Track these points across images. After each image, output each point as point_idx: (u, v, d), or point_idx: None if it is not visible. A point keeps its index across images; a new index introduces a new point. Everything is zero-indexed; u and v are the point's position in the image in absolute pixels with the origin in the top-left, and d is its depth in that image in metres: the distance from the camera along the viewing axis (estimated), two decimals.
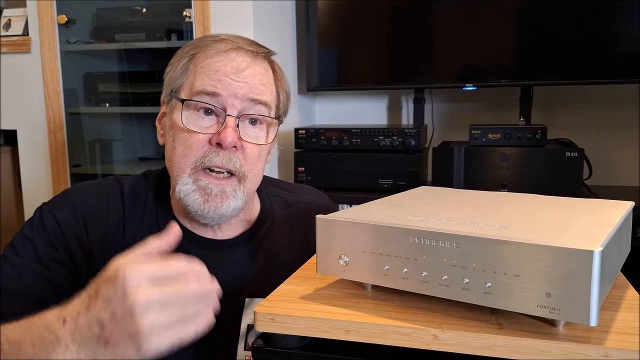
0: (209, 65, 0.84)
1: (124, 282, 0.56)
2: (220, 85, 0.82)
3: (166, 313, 0.57)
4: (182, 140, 0.84)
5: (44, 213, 0.88)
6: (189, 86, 0.84)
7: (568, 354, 0.50)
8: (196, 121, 0.83)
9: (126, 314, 0.55)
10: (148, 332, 0.55)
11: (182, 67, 0.86)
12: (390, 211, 0.68)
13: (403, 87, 2.13)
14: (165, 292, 0.57)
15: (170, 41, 1.96)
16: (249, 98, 0.83)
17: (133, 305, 0.55)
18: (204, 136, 0.83)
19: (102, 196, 0.90)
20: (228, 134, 0.81)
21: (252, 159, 0.85)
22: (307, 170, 1.87)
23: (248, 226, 0.95)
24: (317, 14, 2.02)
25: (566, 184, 1.62)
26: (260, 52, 0.87)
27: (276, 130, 0.90)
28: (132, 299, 0.55)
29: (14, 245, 0.86)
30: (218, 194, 0.83)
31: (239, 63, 0.84)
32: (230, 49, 0.85)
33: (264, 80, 0.86)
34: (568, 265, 0.49)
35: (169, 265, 0.59)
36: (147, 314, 0.56)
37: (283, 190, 1.03)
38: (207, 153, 0.82)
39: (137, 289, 0.56)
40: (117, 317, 0.56)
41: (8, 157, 2.22)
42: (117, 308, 0.56)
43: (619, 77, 1.76)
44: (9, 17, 2.11)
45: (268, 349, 0.59)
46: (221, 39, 0.86)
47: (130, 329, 0.55)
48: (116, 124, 2.28)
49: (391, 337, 0.55)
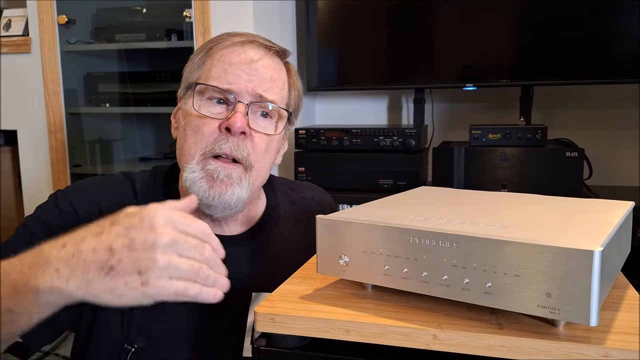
0: (224, 56, 0.86)
1: (153, 217, 0.56)
2: (233, 80, 0.84)
3: (183, 260, 0.56)
4: (193, 126, 0.85)
5: (60, 199, 0.86)
6: (204, 77, 0.86)
7: (568, 354, 0.50)
8: (208, 107, 0.85)
9: (147, 245, 0.55)
10: (162, 269, 0.55)
11: (199, 61, 0.88)
12: (390, 211, 0.68)
13: (403, 87, 2.13)
14: (189, 242, 0.57)
15: (170, 41, 1.96)
16: (259, 94, 0.85)
17: (156, 238, 0.55)
18: (215, 122, 0.84)
19: (118, 191, 0.90)
20: (237, 118, 0.82)
21: (260, 149, 0.86)
22: (307, 170, 1.87)
23: (254, 222, 0.95)
24: (317, 14, 2.02)
25: (566, 184, 1.62)
26: (275, 48, 0.90)
27: (284, 124, 0.91)
28: (157, 232, 0.55)
29: (26, 226, 0.84)
30: (224, 179, 0.83)
31: (252, 55, 0.86)
32: (245, 41, 0.87)
33: (275, 75, 0.88)
34: (568, 265, 0.49)
35: (195, 221, 0.59)
36: (167, 252, 0.55)
37: (286, 187, 1.04)
38: (216, 140, 0.83)
39: (164, 226, 0.55)
40: (135, 245, 0.55)
41: (8, 157, 2.22)
42: (138, 237, 0.55)
43: (619, 77, 1.76)
44: (9, 17, 2.11)
45: (268, 349, 0.59)
46: (237, 34, 0.89)
47: (144, 261, 0.54)
48: (116, 124, 2.28)
49: (391, 337, 0.55)
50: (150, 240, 0.55)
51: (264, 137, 0.86)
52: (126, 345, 0.82)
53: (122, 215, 0.57)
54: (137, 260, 0.54)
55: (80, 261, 0.55)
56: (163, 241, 0.55)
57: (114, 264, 0.54)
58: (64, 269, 0.55)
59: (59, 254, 0.56)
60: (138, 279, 0.54)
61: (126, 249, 0.55)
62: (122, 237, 0.55)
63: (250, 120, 0.84)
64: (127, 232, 0.55)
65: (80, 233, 0.58)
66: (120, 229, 0.56)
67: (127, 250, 0.54)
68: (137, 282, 0.54)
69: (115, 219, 0.57)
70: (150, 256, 0.54)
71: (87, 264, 0.55)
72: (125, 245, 0.55)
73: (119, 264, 0.54)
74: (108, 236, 0.56)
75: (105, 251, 0.55)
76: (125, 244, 0.55)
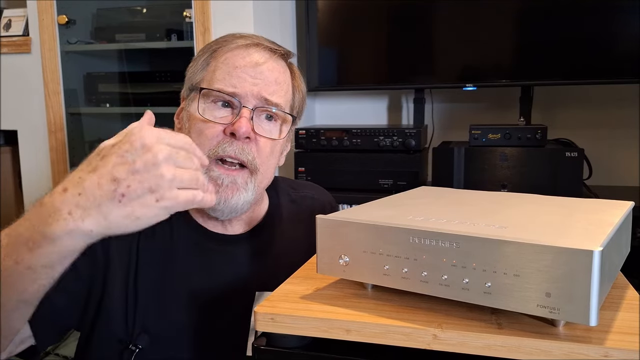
0: (229, 59, 0.86)
1: (142, 138, 0.56)
2: (238, 84, 0.84)
3: (183, 170, 0.58)
4: (197, 130, 0.85)
5: None
6: (208, 80, 0.86)
7: (568, 354, 0.50)
8: (212, 111, 0.85)
9: (148, 164, 0.56)
10: (169, 181, 0.56)
11: (203, 62, 0.88)
12: (390, 211, 0.68)
13: (403, 87, 2.13)
14: (181, 154, 0.59)
15: (171, 41, 1.96)
16: (264, 97, 0.85)
17: (155, 155, 0.56)
18: (219, 126, 0.84)
19: None
20: (242, 123, 0.82)
21: (264, 152, 0.86)
22: (307, 170, 1.88)
23: (257, 222, 0.96)
24: (317, 14, 2.02)
25: (566, 184, 1.62)
26: (279, 50, 0.90)
27: (289, 128, 0.91)
28: (155, 151, 0.56)
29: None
30: (229, 185, 0.83)
31: (257, 58, 0.86)
32: (250, 44, 0.87)
33: (279, 78, 0.88)
34: (568, 265, 0.49)
35: (177, 134, 0.60)
36: (169, 164, 0.57)
37: (288, 187, 1.05)
38: (220, 143, 0.83)
39: (157, 143, 0.57)
40: (137, 168, 0.56)
41: (8, 157, 2.22)
42: (136, 160, 0.56)
43: (619, 77, 1.76)
44: (9, 17, 2.11)
45: (268, 348, 0.59)
46: (242, 36, 0.89)
47: (152, 179, 0.56)
48: (116, 124, 2.28)
49: (391, 337, 0.55)
50: (150, 159, 0.56)
51: (268, 140, 0.87)
52: (131, 346, 0.82)
53: (108, 147, 0.58)
54: (145, 181, 0.56)
55: (90, 198, 0.56)
56: (162, 156, 0.56)
57: (124, 191, 0.56)
58: (76, 210, 0.56)
59: (65, 198, 0.56)
60: (152, 197, 0.56)
61: (130, 174, 0.56)
62: (120, 164, 0.56)
63: (255, 125, 0.84)
64: (123, 160, 0.56)
65: (75, 175, 0.58)
66: (116, 159, 0.57)
67: (132, 174, 0.56)
68: (152, 199, 0.56)
69: (102, 152, 0.58)
70: (156, 173, 0.56)
71: (97, 198, 0.56)
72: (128, 171, 0.56)
73: (128, 190, 0.56)
74: (106, 168, 0.57)
75: (111, 182, 0.56)
76: (127, 169, 0.56)
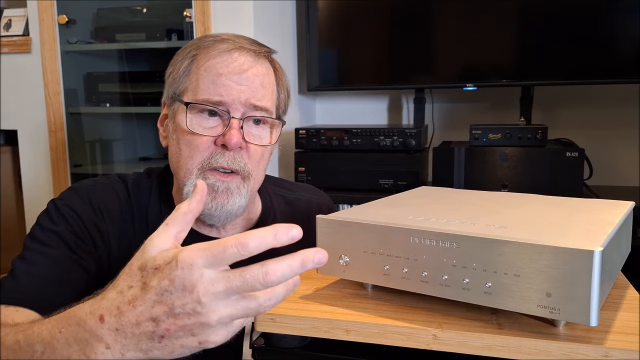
0: (212, 67, 0.84)
1: (182, 273, 0.48)
2: (224, 92, 0.83)
3: (232, 303, 0.49)
4: (187, 142, 0.84)
5: (60, 206, 0.86)
6: (193, 90, 0.84)
7: (568, 354, 0.50)
8: (200, 122, 0.84)
9: (188, 309, 0.49)
10: (215, 325, 0.49)
11: (185, 69, 0.86)
12: (390, 211, 0.68)
13: (403, 87, 2.13)
14: (232, 281, 0.49)
15: (171, 41, 1.96)
16: (252, 103, 0.84)
17: (198, 299, 0.48)
18: (209, 138, 0.83)
19: (112, 192, 0.90)
20: (233, 135, 0.82)
21: (255, 158, 0.86)
22: (308, 170, 1.87)
23: (250, 225, 0.95)
24: (317, 13, 2.02)
25: (566, 184, 1.62)
26: (262, 51, 0.88)
27: (279, 131, 0.91)
28: (197, 293, 0.48)
29: (36, 237, 0.83)
30: (224, 190, 0.84)
31: (242, 63, 0.84)
32: (232, 49, 0.85)
33: (265, 81, 0.87)
34: (568, 265, 0.49)
35: (224, 246, 0.49)
36: (214, 307, 0.49)
37: (282, 189, 1.04)
38: (213, 154, 0.83)
39: (199, 280, 0.48)
40: (176, 311, 0.49)
41: (8, 157, 2.22)
42: (176, 302, 0.49)
43: (619, 77, 1.76)
44: (9, 17, 2.11)
45: (268, 348, 0.59)
46: (222, 39, 0.86)
47: (195, 324, 0.49)
48: (117, 124, 2.28)
49: (391, 337, 0.55)
50: (191, 303, 0.49)
51: (259, 147, 0.86)
52: None
53: (150, 269, 0.51)
54: (184, 327, 0.50)
55: (128, 335, 0.51)
56: (207, 299, 0.48)
57: (164, 334, 0.50)
58: (115, 344, 0.52)
59: (102, 329, 0.52)
60: (194, 340, 0.51)
61: (170, 318, 0.50)
62: (159, 305, 0.50)
63: (245, 133, 0.84)
64: (162, 299, 0.49)
65: (112, 301, 0.52)
66: (154, 296, 0.50)
67: (172, 318, 0.50)
68: (194, 342, 0.51)
69: (144, 273, 0.51)
70: (199, 318, 0.49)
71: (135, 337, 0.51)
72: (168, 313, 0.50)
73: (168, 332, 0.50)
74: (144, 305, 0.50)
75: (149, 323, 0.50)
76: (167, 311, 0.50)
